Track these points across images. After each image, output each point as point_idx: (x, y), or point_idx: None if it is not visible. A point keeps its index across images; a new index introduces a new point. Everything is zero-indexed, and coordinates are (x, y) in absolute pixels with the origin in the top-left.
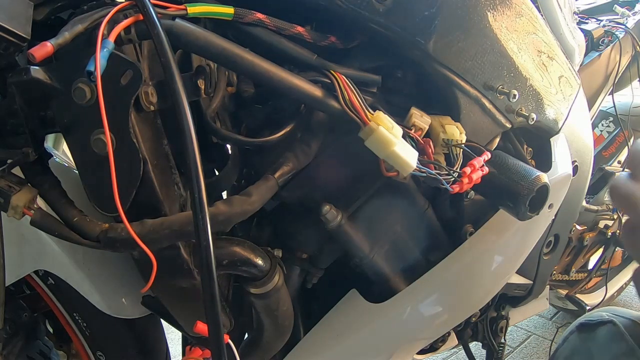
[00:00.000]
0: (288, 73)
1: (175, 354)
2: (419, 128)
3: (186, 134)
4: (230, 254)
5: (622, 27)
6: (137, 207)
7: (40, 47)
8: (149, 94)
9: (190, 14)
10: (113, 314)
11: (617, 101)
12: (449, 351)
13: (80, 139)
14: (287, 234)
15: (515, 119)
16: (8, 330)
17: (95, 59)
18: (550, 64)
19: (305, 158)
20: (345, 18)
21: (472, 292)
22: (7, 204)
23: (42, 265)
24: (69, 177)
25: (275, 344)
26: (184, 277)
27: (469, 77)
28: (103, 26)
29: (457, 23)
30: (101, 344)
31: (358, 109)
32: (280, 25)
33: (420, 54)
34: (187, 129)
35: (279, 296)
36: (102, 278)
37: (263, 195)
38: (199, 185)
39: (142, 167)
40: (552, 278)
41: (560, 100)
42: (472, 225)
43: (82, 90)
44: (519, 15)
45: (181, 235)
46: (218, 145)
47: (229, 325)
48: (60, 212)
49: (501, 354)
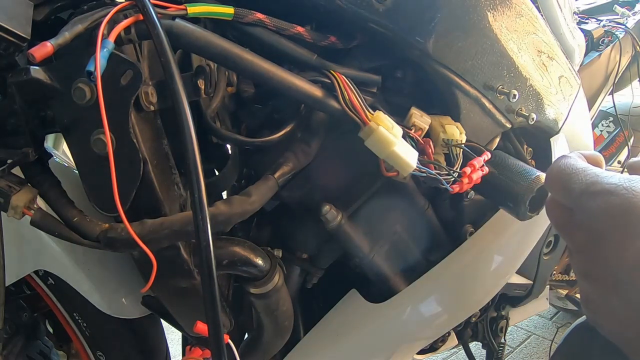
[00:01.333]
0: (288, 73)
1: (175, 354)
2: (419, 128)
3: (186, 133)
4: (230, 254)
5: (622, 27)
6: (137, 207)
7: (40, 47)
8: (149, 94)
9: (190, 14)
10: (113, 314)
11: (617, 101)
12: (449, 351)
13: (80, 139)
14: (287, 234)
15: (515, 119)
16: (8, 330)
17: (95, 59)
18: (550, 64)
19: (305, 158)
20: (345, 18)
21: (472, 292)
22: (7, 204)
23: (42, 265)
24: (69, 177)
25: (275, 344)
26: (184, 277)
27: (469, 77)
28: (103, 26)
29: (457, 23)
30: (101, 344)
31: (358, 109)
32: (280, 25)
33: (420, 54)
34: (186, 128)
35: (279, 296)
36: (102, 278)
37: (263, 195)
38: (199, 185)
39: (142, 167)
40: (552, 278)
41: (560, 100)
42: (472, 225)
43: (82, 90)
44: (519, 15)
45: (181, 235)
46: (218, 145)
47: (229, 325)
48: (60, 212)
49: (501, 354)
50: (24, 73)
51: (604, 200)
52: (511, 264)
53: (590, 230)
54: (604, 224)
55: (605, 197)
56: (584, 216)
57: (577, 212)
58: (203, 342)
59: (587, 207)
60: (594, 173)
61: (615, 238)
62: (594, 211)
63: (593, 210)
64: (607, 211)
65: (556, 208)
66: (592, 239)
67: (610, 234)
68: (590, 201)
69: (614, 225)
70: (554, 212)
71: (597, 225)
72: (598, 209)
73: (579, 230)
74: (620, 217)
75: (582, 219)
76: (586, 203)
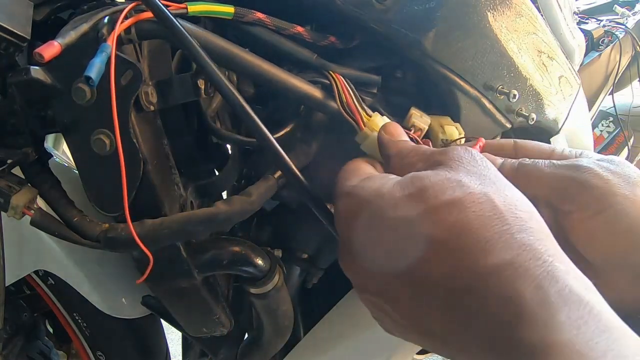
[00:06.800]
0: (288, 74)
1: (175, 354)
2: (418, 128)
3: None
4: (230, 254)
5: (622, 27)
6: (137, 207)
7: (48, 46)
8: (149, 94)
9: (191, 13)
10: (113, 314)
11: (617, 101)
12: None
13: (80, 139)
14: (287, 234)
15: (515, 119)
16: (8, 330)
17: (111, 57)
18: (550, 64)
19: (305, 158)
20: (345, 18)
21: None
22: (7, 204)
23: (42, 265)
24: (69, 177)
25: (275, 344)
26: (184, 277)
27: (469, 77)
28: (116, 34)
29: (457, 23)
30: (101, 344)
31: (354, 112)
32: (280, 24)
33: (420, 54)
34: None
35: (279, 296)
36: (102, 278)
37: (263, 195)
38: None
39: (142, 167)
40: None
41: (560, 100)
42: None
43: (82, 90)
44: (519, 15)
45: (181, 235)
46: (218, 145)
47: (229, 325)
48: (60, 212)
49: None
50: (24, 73)
51: (342, 203)
52: None
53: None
54: (342, 225)
55: (342, 199)
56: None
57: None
58: (203, 342)
59: (335, 209)
60: (342, 177)
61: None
62: (336, 214)
63: (336, 212)
64: (341, 213)
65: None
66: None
67: (347, 234)
68: (336, 202)
69: (347, 227)
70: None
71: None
72: (337, 211)
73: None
74: (352, 218)
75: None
76: (335, 205)
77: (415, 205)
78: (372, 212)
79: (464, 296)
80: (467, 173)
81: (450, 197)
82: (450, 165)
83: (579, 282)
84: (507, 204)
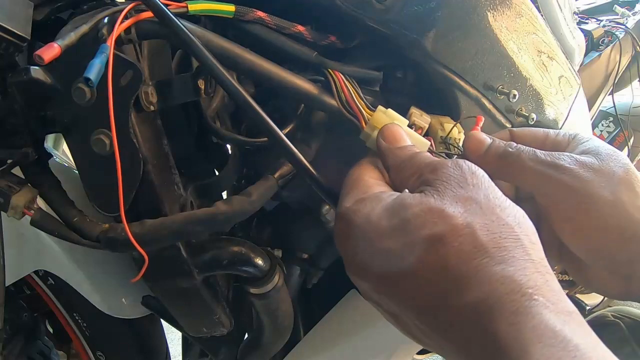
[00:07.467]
0: (288, 73)
1: (175, 354)
2: (419, 127)
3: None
4: (230, 254)
5: (622, 27)
6: (137, 207)
7: (48, 48)
8: (149, 94)
9: (191, 12)
10: (113, 314)
11: (617, 101)
12: None
13: (80, 139)
14: (287, 234)
15: (515, 119)
16: (8, 330)
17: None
18: (550, 64)
19: (306, 158)
20: (345, 17)
21: None
22: (7, 204)
23: (42, 265)
24: (69, 177)
25: (275, 344)
26: (184, 277)
27: (469, 77)
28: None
29: (457, 23)
30: (101, 344)
31: (355, 110)
32: (280, 23)
33: (420, 54)
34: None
35: (279, 296)
36: (102, 278)
37: (263, 195)
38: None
39: (142, 167)
40: None
41: (560, 100)
42: None
43: (82, 90)
44: (519, 15)
45: (181, 235)
46: (218, 145)
47: (229, 325)
48: (60, 212)
49: None
50: (24, 73)
51: (337, 224)
52: None
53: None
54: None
55: (338, 221)
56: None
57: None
58: (203, 342)
59: (334, 226)
60: (343, 191)
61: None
62: (334, 232)
63: (334, 230)
64: (337, 233)
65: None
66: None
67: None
68: (335, 220)
69: (343, 246)
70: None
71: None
72: (334, 230)
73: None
74: (345, 241)
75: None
76: (334, 223)
77: (398, 239)
78: (361, 238)
79: (448, 329)
80: (452, 199)
81: (430, 233)
82: (438, 188)
83: (557, 316)
84: (490, 232)
